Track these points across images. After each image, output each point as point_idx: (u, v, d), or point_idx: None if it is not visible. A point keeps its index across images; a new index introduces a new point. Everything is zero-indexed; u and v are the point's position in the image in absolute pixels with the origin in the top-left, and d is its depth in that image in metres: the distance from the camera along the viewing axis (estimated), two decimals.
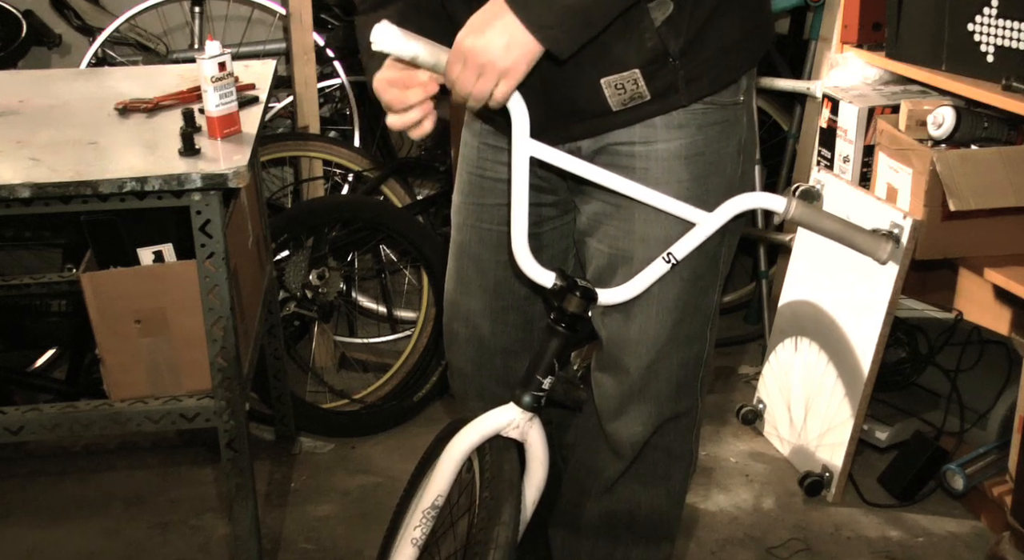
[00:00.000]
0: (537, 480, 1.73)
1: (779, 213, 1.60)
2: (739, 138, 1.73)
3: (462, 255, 1.92)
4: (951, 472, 2.62)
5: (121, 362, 2.15)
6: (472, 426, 1.71)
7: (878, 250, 1.62)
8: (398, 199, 3.23)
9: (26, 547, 2.57)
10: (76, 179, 1.93)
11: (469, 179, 1.88)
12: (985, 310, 2.59)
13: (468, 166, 1.89)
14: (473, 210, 1.88)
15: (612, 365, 1.84)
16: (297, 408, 2.94)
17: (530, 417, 1.69)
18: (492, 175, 1.84)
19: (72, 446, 2.95)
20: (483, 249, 1.88)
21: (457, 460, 1.71)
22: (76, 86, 2.52)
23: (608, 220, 1.74)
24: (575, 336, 1.67)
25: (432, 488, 1.73)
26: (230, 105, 2.12)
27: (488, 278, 1.90)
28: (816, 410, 2.77)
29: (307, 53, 3.20)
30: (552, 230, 1.88)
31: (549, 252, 1.88)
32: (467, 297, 1.93)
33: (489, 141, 1.83)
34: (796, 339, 2.88)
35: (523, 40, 1.49)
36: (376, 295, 3.48)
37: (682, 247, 1.65)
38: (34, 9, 3.52)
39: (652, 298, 1.75)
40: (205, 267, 2.06)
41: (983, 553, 2.48)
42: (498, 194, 1.84)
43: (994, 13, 2.41)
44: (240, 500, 2.21)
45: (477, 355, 1.97)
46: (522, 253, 1.63)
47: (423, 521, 1.74)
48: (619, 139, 1.69)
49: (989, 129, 2.48)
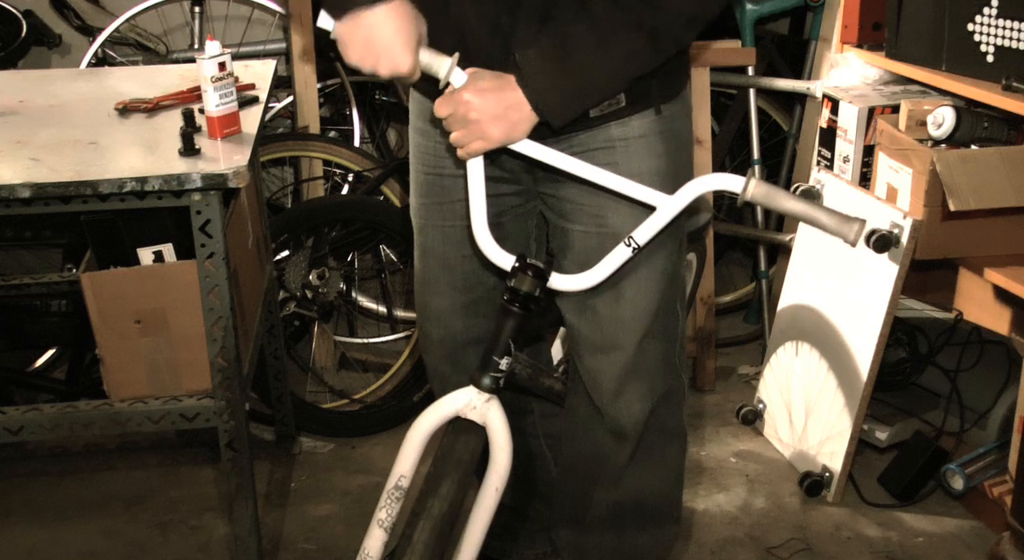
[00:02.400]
0: (500, 466, 1.75)
1: (738, 193, 1.61)
2: (691, 120, 1.89)
3: (427, 256, 1.96)
4: (951, 472, 2.62)
5: (121, 362, 2.15)
6: (432, 407, 1.75)
7: (845, 230, 1.58)
8: (398, 199, 3.23)
9: (26, 547, 2.57)
10: (76, 179, 1.94)
11: (426, 180, 1.92)
12: (985, 310, 2.59)
13: (424, 167, 1.92)
14: (434, 210, 1.92)
15: (607, 344, 1.87)
16: (297, 408, 2.94)
17: (487, 399, 1.72)
18: (451, 173, 1.87)
19: (72, 446, 2.95)
20: (448, 247, 1.92)
21: (417, 440, 1.76)
22: (76, 86, 2.52)
23: (590, 200, 1.78)
24: (529, 316, 1.70)
25: (395, 469, 1.76)
26: (230, 105, 2.12)
27: (455, 275, 1.94)
28: (816, 410, 2.77)
29: (307, 53, 3.20)
30: (513, 219, 1.92)
31: (512, 241, 1.92)
32: (436, 297, 1.97)
33: (445, 141, 1.84)
34: (796, 339, 2.88)
35: (518, 116, 1.61)
36: (376, 295, 3.48)
37: (644, 232, 1.67)
38: (34, 9, 3.52)
39: (641, 272, 1.80)
40: (205, 267, 2.06)
41: (983, 553, 2.48)
42: (458, 190, 1.87)
43: (994, 13, 2.41)
44: (240, 500, 2.21)
45: (451, 353, 2.01)
46: (483, 237, 1.68)
47: (387, 502, 1.77)
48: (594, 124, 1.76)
49: (989, 129, 2.48)
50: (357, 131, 3.52)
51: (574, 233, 1.83)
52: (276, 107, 3.53)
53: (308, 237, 3.03)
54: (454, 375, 2.01)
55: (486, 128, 1.61)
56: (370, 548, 1.77)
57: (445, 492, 1.69)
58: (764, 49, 3.52)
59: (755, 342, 3.46)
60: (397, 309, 3.47)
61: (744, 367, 3.32)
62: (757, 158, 3.30)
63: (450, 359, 2.02)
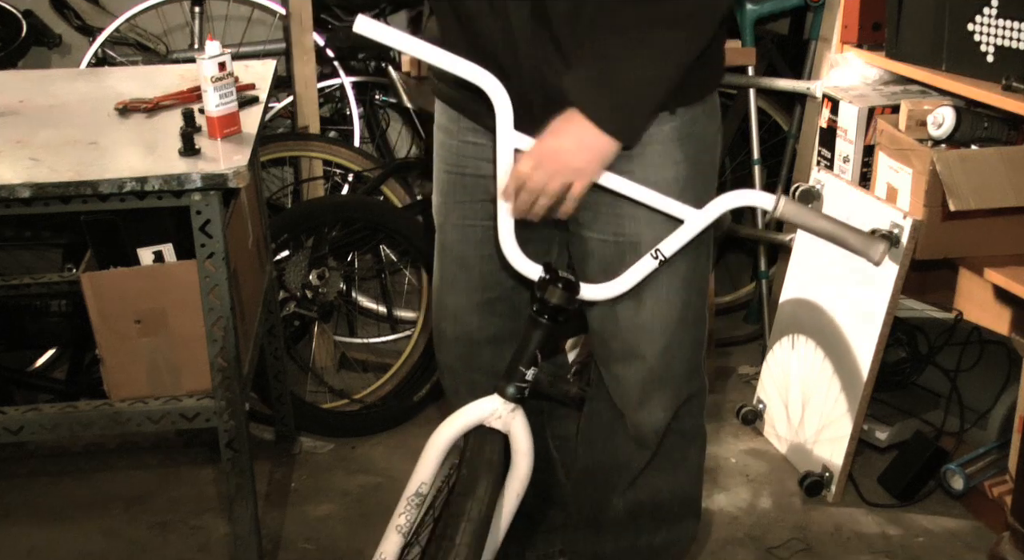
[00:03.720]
0: (521, 472, 1.75)
1: (768, 210, 1.61)
2: (718, 123, 1.84)
3: (446, 255, 1.95)
4: (951, 472, 2.62)
5: (121, 362, 2.15)
6: (456, 415, 1.73)
7: (871, 251, 1.61)
8: (398, 199, 3.23)
9: (26, 547, 2.57)
10: (76, 179, 1.94)
11: (448, 178, 1.90)
12: (985, 310, 2.59)
13: (447, 166, 1.90)
14: (455, 209, 1.91)
15: (628, 354, 1.87)
16: (297, 408, 2.94)
17: (513, 408, 1.71)
18: (473, 172, 1.86)
19: (72, 446, 2.95)
20: (467, 246, 1.91)
21: (440, 447, 1.74)
22: (76, 86, 2.52)
23: (609, 208, 1.76)
24: (557, 327, 1.69)
25: (416, 476, 1.76)
26: (230, 105, 2.12)
27: (473, 273, 1.93)
28: (816, 410, 2.77)
29: (307, 53, 3.20)
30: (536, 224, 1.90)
31: (534, 246, 1.90)
32: (453, 295, 1.96)
33: (469, 139, 1.85)
34: (796, 339, 2.88)
35: (595, 142, 1.59)
36: (376, 295, 3.48)
37: (671, 244, 1.67)
38: (34, 9, 3.52)
39: (662, 281, 1.79)
40: (205, 267, 2.06)
41: (983, 553, 2.47)
42: (480, 191, 1.86)
43: (994, 13, 2.41)
44: (240, 500, 2.21)
45: (466, 351, 2.00)
46: (509, 247, 1.67)
47: (407, 508, 1.76)
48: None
49: (989, 129, 2.48)
50: (357, 131, 3.52)
51: (592, 241, 1.82)
52: (276, 107, 3.53)
53: (308, 237, 3.02)
54: (466, 373, 2.01)
55: (575, 163, 1.60)
56: (387, 553, 1.77)
57: (482, 494, 1.67)
58: (764, 49, 3.52)
59: (755, 342, 3.45)
60: (397, 309, 3.47)
61: (744, 367, 3.32)
62: (757, 158, 3.30)
63: (464, 357, 2.01)
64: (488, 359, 1.98)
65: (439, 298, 1.99)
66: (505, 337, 1.96)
